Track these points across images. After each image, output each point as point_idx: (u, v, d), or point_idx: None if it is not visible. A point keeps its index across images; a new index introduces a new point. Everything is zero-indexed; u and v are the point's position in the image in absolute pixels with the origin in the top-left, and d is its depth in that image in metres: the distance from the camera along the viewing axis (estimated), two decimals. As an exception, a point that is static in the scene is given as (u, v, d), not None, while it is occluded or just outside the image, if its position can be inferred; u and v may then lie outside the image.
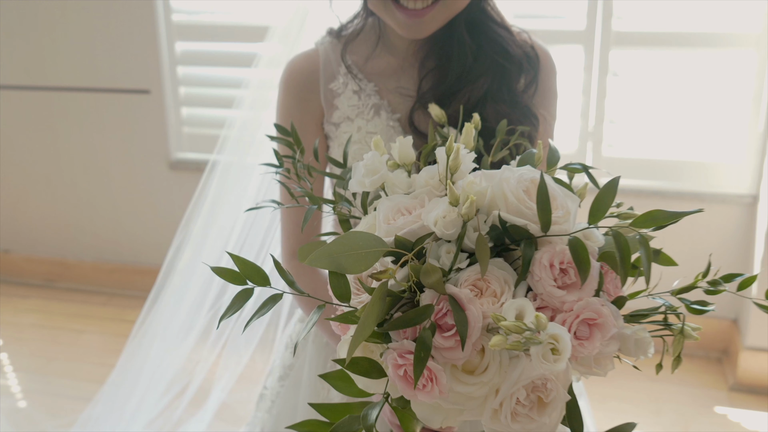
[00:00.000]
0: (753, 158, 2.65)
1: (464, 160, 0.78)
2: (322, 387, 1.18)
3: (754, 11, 2.53)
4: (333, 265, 0.72)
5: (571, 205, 0.76)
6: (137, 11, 3.02)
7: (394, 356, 0.71)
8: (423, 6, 1.01)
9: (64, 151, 3.35)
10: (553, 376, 0.70)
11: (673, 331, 0.80)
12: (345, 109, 1.12)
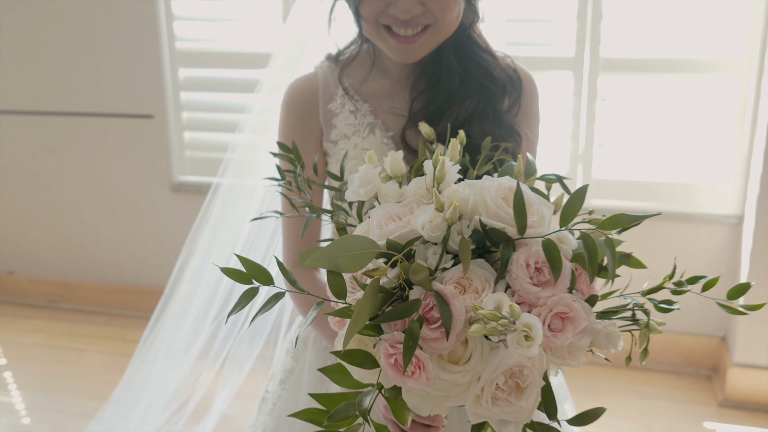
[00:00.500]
0: (738, 180, 2.74)
1: (449, 171, 0.86)
2: (321, 389, 1.25)
3: (735, 38, 2.63)
4: (331, 264, 0.80)
5: (546, 211, 0.84)
6: (142, 39, 3.12)
7: (386, 346, 0.79)
8: (413, 33, 1.11)
9: (68, 174, 3.43)
10: (529, 363, 0.78)
11: (640, 326, 0.87)
12: (342, 128, 1.21)
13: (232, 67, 3.13)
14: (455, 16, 1.13)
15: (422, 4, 1.09)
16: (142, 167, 3.32)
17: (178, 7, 3.10)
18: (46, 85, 3.32)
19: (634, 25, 2.72)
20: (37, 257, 3.62)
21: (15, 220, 3.59)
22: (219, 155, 3.17)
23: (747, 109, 2.66)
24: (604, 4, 2.66)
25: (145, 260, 3.46)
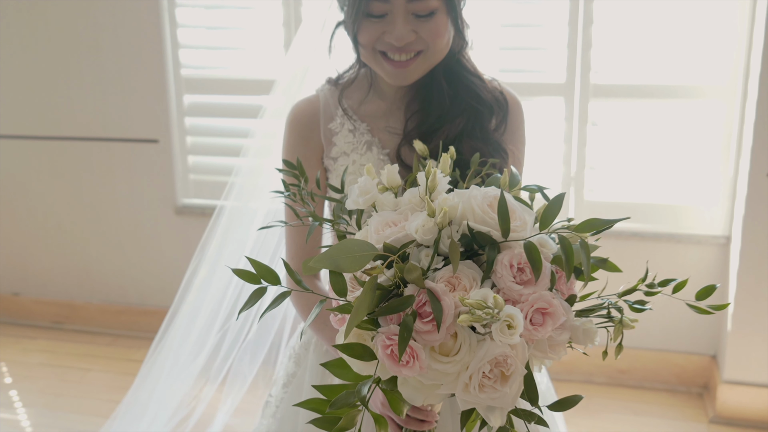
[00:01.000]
0: (725, 201, 2.83)
1: (440, 181, 0.95)
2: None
3: (720, 65, 2.74)
4: (333, 265, 0.88)
5: (528, 217, 0.93)
6: (149, 66, 3.23)
7: (383, 338, 0.87)
8: (407, 58, 1.21)
9: (75, 197, 3.52)
10: (512, 353, 0.86)
11: (614, 322, 0.95)
12: (342, 146, 1.30)
13: (235, 94, 3.23)
14: (445, 43, 1.23)
15: (415, 32, 1.19)
16: (146, 190, 3.41)
17: (183, 36, 3.21)
18: (54, 110, 3.42)
19: (622, 52, 2.83)
20: (42, 279, 3.69)
21: (21, 242, 3.67)
22: (222, 179, 3.26)
23: (732, 134, 2.76)
24: (594, 32, 2.77)
25: (149, 281, 3.54)
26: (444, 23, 1.21)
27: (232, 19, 3.19)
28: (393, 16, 1.19)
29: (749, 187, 2.62)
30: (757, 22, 2.57)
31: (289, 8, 3.05)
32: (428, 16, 1.19)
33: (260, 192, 1.82)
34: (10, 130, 3.51)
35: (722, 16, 2.69)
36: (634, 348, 3.02)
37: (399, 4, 1.18)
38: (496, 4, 2.78)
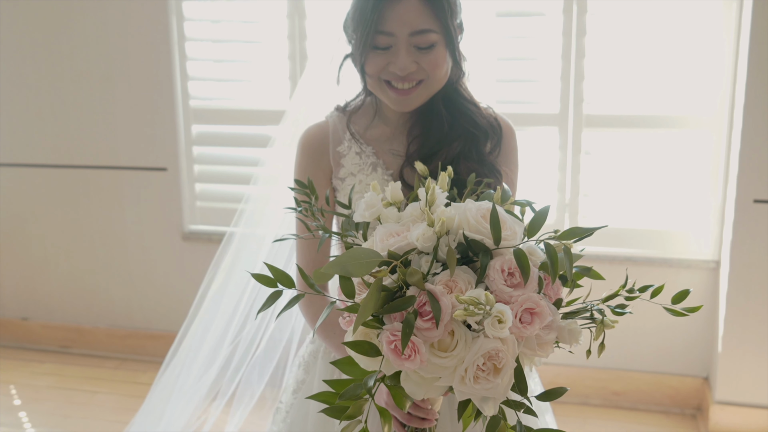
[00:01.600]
0: (714, 227, 2.93)
1: (438, 196, 1.06)
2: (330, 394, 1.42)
3: (707, 97, 2.86)
4: (343, 270, 0.99)
5: (517, 228, 1.03)
6: (158, 97, 3.35)
7: (388, 334, 0.97)
8: (409, 87, 1.34)
9: (85, 223, 3.62)
10: (503, 348, 0.96)
11: (596, 323, 1.05)
12: (349, 167, 1.41)
13: (241, 124, 3.36)
14: (444, 73, 1.34)
15: (416, 62, 1.31)
16: (154, 217, 3.52)
17: (192, 68, 3.34)
18: (66, 139, 3.54)
19: (614, 84, 2.96)
20: (50, 303, 3.78)
21: (30, 267, 3.77)
22: (228, 205, 3.39)
23: (720, 162, 2.87)
24: (586, 65, 2.90)
25: (155, 306, 3.62)
26: (443, 55, 1.33)
27: (239, 53, 3.32)
28: (397, 48, 1.31)
29: (736, 213, 2.73)
30: (741, 57, 2.70)
31: (294, 43, 3.18)
32: (428, 48, 1.31)
33: (269, 218, 1.92)
34: (23, 158, 3.63)
35: (709, 50, 2.82)
36: (628, 370, 3.11)
37: (402, 37, 1.30)
38: (493, 39, 2.91)
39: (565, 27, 2.88)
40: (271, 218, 1.91)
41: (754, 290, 2.77)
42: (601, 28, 2.89)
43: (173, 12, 3.28)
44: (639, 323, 3.05)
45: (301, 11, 3.15)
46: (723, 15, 2.78)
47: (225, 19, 3.30)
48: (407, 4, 1.29)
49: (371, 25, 1.29)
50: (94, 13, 3.35)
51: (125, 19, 3.32)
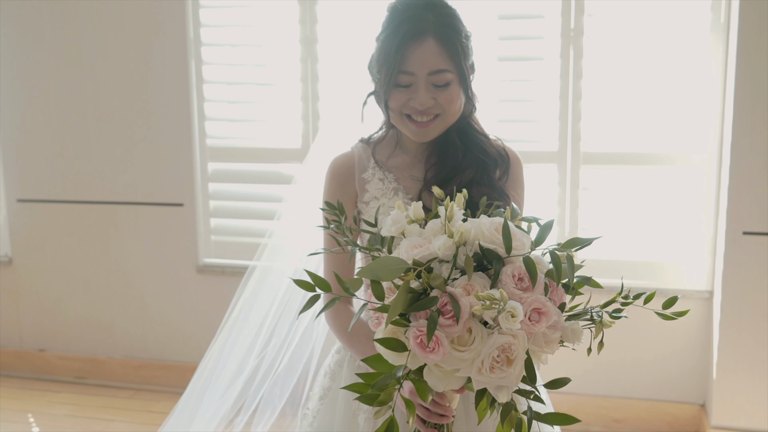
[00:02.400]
0: (707, 258, 3.08)
1: (456, 212, 1.21)
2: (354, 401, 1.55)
3: (698, 136, 3.03)
4: (373, 275, 1.13)
5: (526, 240, 1.18)
6: (177, 136, 3.53)
7: (414, 330, 1.11)
8: (427, 120, 1.51)
9: (102, 256, 3.76)
10: (515, 341, 1.10)
11: (595, 323, 1.20)
12: (373, 191, 1.57)
13: (255, 162, 3.53)
14: (458, 108, 1.51)
15: (434, 98, 1.48)
16: (170, 250, 3.66)
17: (209, 109, 3.52)
18: (87, 176, 3.70)
19: (610, 123, 3.13)
20: (67, 335, 3.90)
21: (49, 300, 3.89)
22: (242, 239, 3.54)
23: (710, 196, 3.04)
24: (583, 106, 3.08)
25: (170, 337, 3.75)
26: (457, 92, 1.50)
27: (254, 95, 3.50)
28: (416, 86, 1.48)
29: (727, 245, 2.88)
30: (727, 98, 2.88)
31: (307, 85, 3.37)
32: (444, 86, 1.48)
33: (290, 251, 2.05)
34: (45, 194, 3.79)
35: (699, 92, 3.00)
36: (628, 398, 3.23)
37: (422, 76, 1.48)
38: (495, 82, 3.10)
39: (563, 70, 3.07)
40: (293, 250, 2.04)
41: (745, 318, 2.91)
42: (596, 70, 3.08)
43: (192, 56, 3.47)
44: (638, 354, 3.19)
45: (313, 55, 3.34)
46: (711, 60, 2.96)
47: (241, 63, 3.49)
48: (426, 47, 1.46)
49: (395, 66, 1.46)
50: (116, 57, 3.55)
51: (146, 62, 3.51)
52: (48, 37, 3.63)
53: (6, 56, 3.71)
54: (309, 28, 3.33)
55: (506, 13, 3.14)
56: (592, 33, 3.05)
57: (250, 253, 3.43)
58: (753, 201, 2.83)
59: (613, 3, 3.05)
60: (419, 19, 1.47)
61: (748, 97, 2.79)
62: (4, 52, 3.70)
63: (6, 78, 3.73)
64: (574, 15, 3.04)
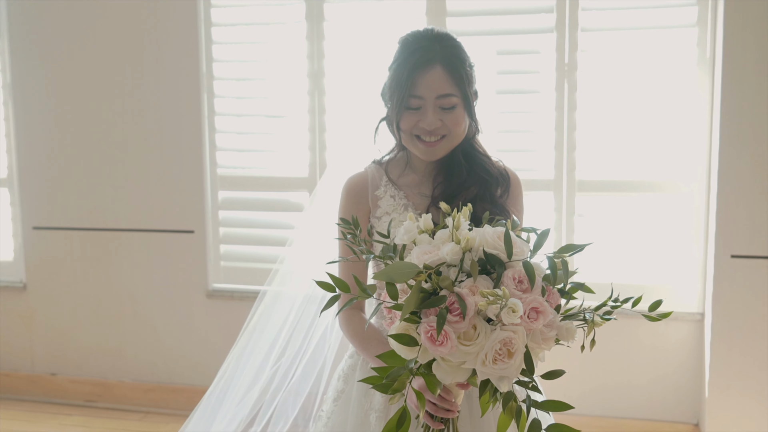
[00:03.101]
0: (698, 281, 3.21)
1: (462, 223, 1.35)
2: (366, 401, 1.67)
3: (688, 164, 3.19)
4: (388, 278, 1.27)
5: (524, 247, 1.32)
6: (189, 166, 3.68)
7: (425, 326, 1.24)
8: (435, 140, 1.66)
9: (115, 282, 3.89)
10: (515, 336, 1.23)
11: (587, 322, 1.33)
12: (385, 207, 1.72)
13: (264, 190, 3.67)
14: (462, 129, 1.67)
15: (441, 120, 1.63)
16: (181, 276, 3.79)
17: (220, 140, 3.68)
18: (102, 204, 3.84)
19: (603, 152, 3.29)
20: (78, 359, 4.01)
21: (61, 325, 4.01)
22: (250, 265, 3.67)
23: (700, 221, 3.18)
24: (578, 136, 3.24)
25: (179, 360, 3.85)
26: (462, 115, 1.66)
27: (263, 126, 3.66)
28: (425, 109, 1.64)
29: (716, 268, 3.02)
30: (714, 129, 3.04)
31: (314, 116, 3.53)
32: (450, 109, 1.63)
33: (301, 276, 2.16)
34: (60, 222, 3.92)
35: (688, 123, 3.16)
36: (625, 419, 3.34)
37: (430, 100, 1.63)
38: (493, 114, 3.27)
39: (558, 102, 3.23)
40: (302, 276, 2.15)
41: (735, 339, 3.03)
42: (590, 103, 3.24)
43: (204, 89, 3.64)
44: (634, 376, 3.30)
45: (320, 88, 3.51)
46: (698, 92, 3.13)
47: (251, 96, 3.66)
48: (434, 73, 1.63)
49: (406, 90, 1.63)
50: (132, 90, 3.71)
51: (161, 94, 3.68)
52: (66, 69, 3.79)
53: (23, 88, 3.87)
54: (316, 62, 3.50)
55: (504, 48, 3.32)
56: (586, 67, 3.23)
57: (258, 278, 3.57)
58: (740, 225, 2.97)
59: (605, 39, 3.23)
60: (428, 49, 1.63)
61: (733, 127, 2.95)
62: (22, 84, 3.87)
63: (23, 109, 3.89)
64: (568, 51, 3.21)
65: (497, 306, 1.20)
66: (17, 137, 3.93)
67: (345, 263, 1.67)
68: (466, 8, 3.31)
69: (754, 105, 2.93)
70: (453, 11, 3.31)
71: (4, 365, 4.12)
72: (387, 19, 3.42)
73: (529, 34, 3.30)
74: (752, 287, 3.00)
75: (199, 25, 3.59)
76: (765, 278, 2.98)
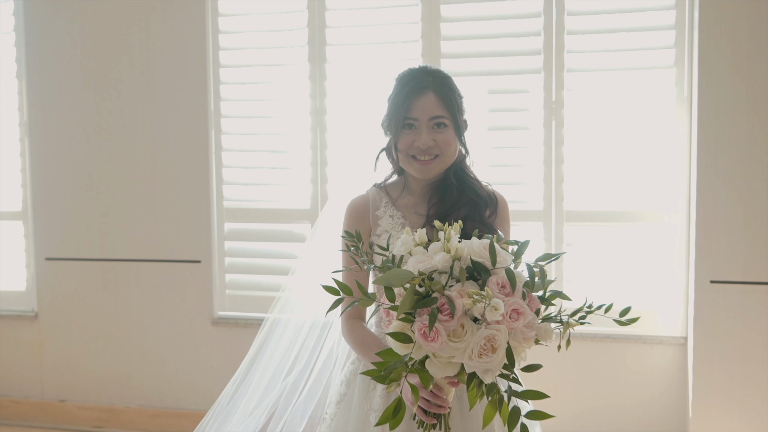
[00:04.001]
0: (680, 306, 3.38)
1: (453, 236, 1.53)
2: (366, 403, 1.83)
3: (670, 196, 3.38)
4: (387, 282, 1.45)
5: (507, 257, 1.50)
6: (196, 199, 3.86)
7: (419, 324, 1.41)
8: (428, 159, 1.86)
9: (123, 311, 4.05)
10: (498, 334, 1.40)
11: (563, 324, 1.50)
12: (384, 226, 1.90)
13: (268, 222, 3.86)
14: (453, 150, 1.87)
15: (434, 140, 1.84)
16: (187, 304, 3.95)
17: (227, 174, 3.87)
18: (112, 236, 4.02)
19: (590, 185, 3.48)
20: (86, 386, 4.14)
21: (70, 353, 4.15)
22: (255, 293, 3.84)
23: (682, 249, 3.36)
24: (565, 168, 3.44)
25: (184, 386, 3.99)
26: (452, 136, 1.87)
27: (267, 161, 3.85)
28: (419, 129, 1.85)
29: (696, 293, 3.19)
30: (692, 163, 3.24)
31: (316, 151, 3.73)
32: (442, 128, 1.85)
33: (305, 305, 2.32)
34: (72, 253, 4.09)
35: (668, 157, 3.36)
36: (613, 438, 3.48)
37: (424, 121, 1.86)
38: (485, 149, 3.47)
39: (546, 138, 3.44)
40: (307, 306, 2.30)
41: (717, 360, 3.19)
42: (576, 138, 3.45)
43: (212, 126, 3.85)
44: (622, 398, 3.45)
45: (322, 125, 3.72)
46: (677, 128, 3.34)
47: (256, 132, 3.86)
48: (427, 98, 1.86)
49: (402, 113, 1.85)
50: (143, 126, 3.92)
51: (170, 131, 3.88)
52: (79, 108, 4.01)
53: (39, 126, 4.08)
54: (318, 101, 3.71)
55: (495, 88, 3.53)
56: (572, 105, 3.44)
57: (262, 306, 3.75)
58: (718, 253, 3.16)
59: (590, 79, 3.45)
60: (422, 80, 1.87)
61: (710, 161, 3.15)
62: (38, 123, 4.08)
63: (38, 146, 4.09)
64: (555, 89, 3.43)
65: (482, 305, 1.38)
66: (32, 172, 4.13)
67: (348, 273, 1.85)
68: (459, 50, 3.54)
69: (728, 140, 3.14)
70: (447, 53, 3.53)
71: (15, 392, 4.26)
72: (385, 60, 3.64)
73: (518, 74, 3.52)
74: (730, 311, 3.16)
75: (207, 66, 3.81)
76: (742, 302, 3.15)
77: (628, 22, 3.37)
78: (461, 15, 3.54)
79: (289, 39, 3.76)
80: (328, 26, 3.69)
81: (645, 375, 3.44)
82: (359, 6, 3.69)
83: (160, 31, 3.87)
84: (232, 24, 3.83)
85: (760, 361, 3.16)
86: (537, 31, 3.44)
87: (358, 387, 1.89)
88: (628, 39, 3.38)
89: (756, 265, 3.14)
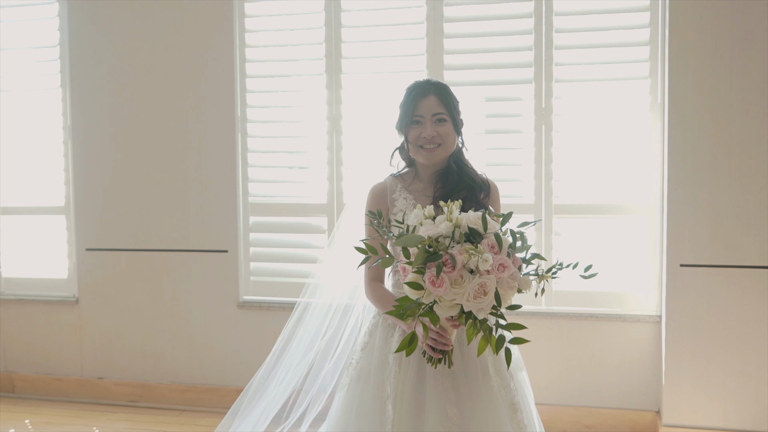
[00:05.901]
0: (655, 288, 3.82)
1: (454, 210, 1.98)
2: (385, 347, 2.27)
3: (645, 190, 3.83)
4: (404, 243, 1.90)
5: (496, 225, 1.95)
6: (224, 195, 4.31)
7: (429, 274, 1.86)
8: (433, 147, 2.32)
9: (157, 296, 4.49)
10: (488, 282, 1.85)
11: (539, 276, 1.95)
12: (399, 206, 2.35)
13: (288, 215, 4.31)
14: (452, 140, 2.34)
15: (436, 131, 2.30)
16: (215, 290, 4.39)
17: (252, 173, 4.32)
18: (147, 229, 4.46)
19: (576, 181, 3.92)
20: (123, 364, 4.58)
21: (108, 335, 4.59)
22: (277, 279, 4.28)
23: (656, 237, 3.81)
24: (554, 167, 3.89)
25: (212, 363, 4.43)
26: (451, 129, 2.33)
27: (288, 161, 4.30)
28: (424, 124, 2.31)
29: (668, 276, 3.63)
30: (665, 161, 3.69)
31: (332, 152, 4.18)
32: (442, 122, 2.31)
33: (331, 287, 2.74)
34: (110, 244, 4.53)
35: (644, 156, 3.81)
36: (597, 407, 3.91)
37: (428, 117, 2.32)
38: (483, 151, 3.92)
39: (537, 140, 3.89)
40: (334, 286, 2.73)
41: (686, 336, 3.63)
42: (564, 140, 3.89)
43: (239, 130, 4.30)
44: (604, 369, 3.89)
45: (338, 129, 4.17)
46: (652, 131, 3.79)
47: (277, 135, 4.31)
48: (430, 99, 2.33)
49: (411, 112, 2.33)
50: (176, 129, 4.37)
51: (201, 134, 4.33)
52: (118, 115, 4.46)
53: (81, 130, 4.53)
54: (335, 107, 4.16)
55: (492, 96, 3.99)
56: (560, 111, 3.89)
57: (284, 290, 4.22)
58: (687, 239, 3.60)
59: (576, 88, 3.90)
60: (425, 87, 2.35)
61: (679, 160, 3.60)
62: (80, 127, 4.53)
63: (80, 147, 4.54)
64: (545, 97, 3.88)
65: (476, 259, 1.83)
66: (74, 172, 4.57)
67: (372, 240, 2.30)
68: (460, 63, 3.99)
69: (695, 142, 3.58)
70: (449, 65, 3.99)
71: (56, 370, 4.69)
72: (394, 72, 4.09)
73: (512, 84, 3.97)
74: (698, 292, 3.61)
75: (235, 76, 4.27)
76: (708, 283, 3.60)
77: (608, 38, 3.83)
78: (461, 32, 3.99)
79: (308, 52, 4.22)
80: (343, 41, 4.14)
81: (624, 350, 3.88)
82: (371, 24, 4.14)
83: (193, 46, 4.33)
84: (258, 38, 4.28)
85: (725, 335, 3.60)
86: (529, 46, 3.90)
87: (378, 335, 2.33)
88: (609, 53, 3.83)
89: (720, 250, 3.58)
